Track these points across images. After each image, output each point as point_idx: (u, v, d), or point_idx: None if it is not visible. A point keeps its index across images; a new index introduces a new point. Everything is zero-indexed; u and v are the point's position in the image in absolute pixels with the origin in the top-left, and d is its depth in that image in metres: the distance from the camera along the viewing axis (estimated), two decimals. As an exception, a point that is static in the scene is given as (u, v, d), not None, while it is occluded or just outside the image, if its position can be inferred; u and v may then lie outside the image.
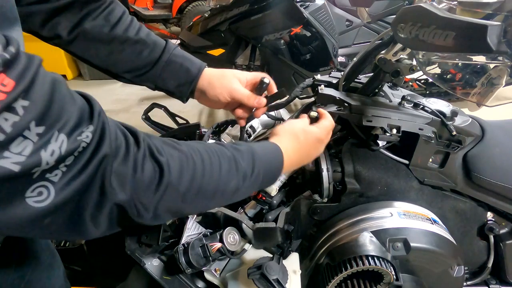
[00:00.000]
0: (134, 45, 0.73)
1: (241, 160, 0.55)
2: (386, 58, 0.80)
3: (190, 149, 0.49)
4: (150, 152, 0.43)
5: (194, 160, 0.48)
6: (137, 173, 0.41)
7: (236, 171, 0.53)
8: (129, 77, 0.76)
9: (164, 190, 0.44)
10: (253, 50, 2.69)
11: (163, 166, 0.43)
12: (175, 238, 0.80)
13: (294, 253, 0.82)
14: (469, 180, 0.89)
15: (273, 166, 0.61)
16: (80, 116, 0.36)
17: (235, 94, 0.77)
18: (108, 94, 3.94)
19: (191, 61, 0.77)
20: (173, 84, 0.77)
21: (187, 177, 0.47)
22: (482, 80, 0.78)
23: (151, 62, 0.74)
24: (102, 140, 0.37)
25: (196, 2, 5.08)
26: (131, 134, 0.43)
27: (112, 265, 0.91)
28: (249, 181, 0.55)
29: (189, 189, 0.47)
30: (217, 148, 0.54)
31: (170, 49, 0.76)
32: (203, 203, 0.52)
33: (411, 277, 0.80)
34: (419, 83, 2.78)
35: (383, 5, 1.55)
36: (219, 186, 0.51)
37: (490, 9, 0.66)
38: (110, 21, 0.71)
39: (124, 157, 0.40)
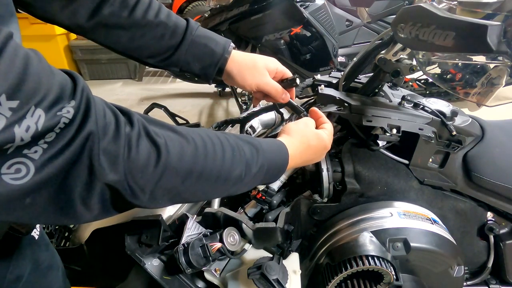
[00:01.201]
0: (155, 29, 0.71)
1: (245, 149, 0.54)
2: (386, 58, 0.80)
3: (191, 132, 0.48)
4: (146, 132, 0.42)
5: (196, 143, 0.47)
6: (131, 152, 0.39)
7: (240, 159, 0.52)
8: (152, 62, 0.75)
9: (163, 171, 0.42)
10: (253, 50, 2.69)
11: (161, 147, 0.42)
12: (175, 238, 0.80)
13: (294, 253, 0.82)
14: (469, 180, 0.89)
15: (278, 162, 0.60)
16: (61, 91, 0.35)
17: (265, 87, 0.77)
18: (108, 94, 3.94)
19: (216, 40, 0.75)
20: (198, 66, 0.75)
21: (188, 159, 0.45)
22: (482, 80, 0.78)
23: (174, 46, 0.72)
24: (87, 116, 0.36)
25: (196, 2, 5.08)
26: (124, 114, 0.42)
27: (112, 265, 0.90)
28: (253, 170, 0.54)
29: (191, 171, 0.46)
30: (219, 135, 0.53)
31: (193, 30, 0.73)
32: (205, 189, 0.50)
33: (411, 277, 0.80)
34: (419, 83, 2.78)
35: (383, 5, 1.55)
36: (222, 172, 0.50)
37: (490, 9, 0.66)
38: (129, 4, 0.69)
39: (115, 135, 0.38)
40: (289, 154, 0.62)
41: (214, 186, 0.51)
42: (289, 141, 0.64)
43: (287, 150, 0.62)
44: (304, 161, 0.68)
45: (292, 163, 0.63)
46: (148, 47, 0.72)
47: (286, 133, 0.67)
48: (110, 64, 4.26)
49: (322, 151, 0.70)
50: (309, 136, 0.67)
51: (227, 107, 3.56)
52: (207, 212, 0.80)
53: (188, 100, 3.74)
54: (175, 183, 0.45)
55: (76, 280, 0.92)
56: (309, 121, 0.72)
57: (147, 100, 3.77)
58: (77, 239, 0.92)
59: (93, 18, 0.68)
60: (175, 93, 3.96)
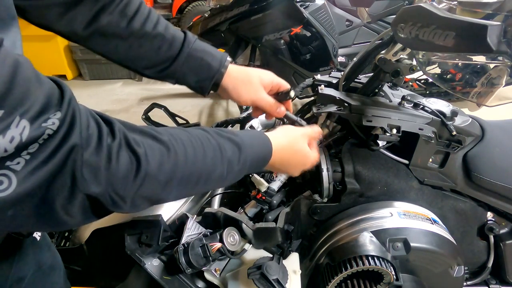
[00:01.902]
0: (152, 40, 0.71)
1: (226, 147, 0.54)
2: (386, 58, 0.80)
3: (171, 138, 0.48)
4: (126, 142, 0.42)
5: (176, 150, 0.47)
6: (111, 163, 0.39)
7: (221, 159, 0.53)
8: (149, 73, 0.75)
9: (142, 181, 0.43)
10: (253, 50, 2.69)
11: (140, 157, 0.42)
12: (175, 238, 0.80)
13: (294, 253, 0.82)
14: (469, 180, 0.89)
15: (260, 157, 0.61)
16: (47, 101, 0.34)
17: (259, 103, 0.77)
18: (108, 94, 3.94)
19: (212, 54, 0.75)
20: (194, 79, 0.75)
21: (167, 167, 0.46)
22: (482, 80, 0.78)
23: (171, 58, 0.72)
24: (71, 128, 0.36)
25: (196, 2, 5.08)
26: (106, 124, 0.41)
27: (112, 265, 0.90)
28: (235, 168, 0.55)
29: (171, 179, 0.46)
30: (201, 135, 0.53)
31: (190, 43, 0.73)
32: (185, 191, 0.52)
33: (411, 277, 0.80)
34: (419, 83, 2.77)
35: (383, 5, 1.55)
36: (202, 175, 0.51)
37: (490, 9, 0.66)
38: (127, 15, 0.69)
39: (97, 147, 0.38)
40: (272, 149, 0.62)
41: (195, 187, 0.52)
42: (275, 137, 0.64)
43: (270, 144, 0.62)
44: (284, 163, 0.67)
45: (276, 158, 0.63)
46: (145, 58, 0.72)
47: (276, 131, 0.68)
48: (110, 64, 4.25)
49: (304, 160, 0.70)
50: (298, 141, 0.68)
51: (227, 107, 3.56)
52: (207, 212, 0.80)
53: (188, 100, 3.74)
54: (155, 190, 0.46)
55: (76, 280, 0.92)
56: (306, 131, 0.72)
57: (147, 100, 3.77)
58: (77, 239, 0.92)
59: (91, 26, 0.67)
60: (175, 93, 3.96)
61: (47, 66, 4.30)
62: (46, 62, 4.22)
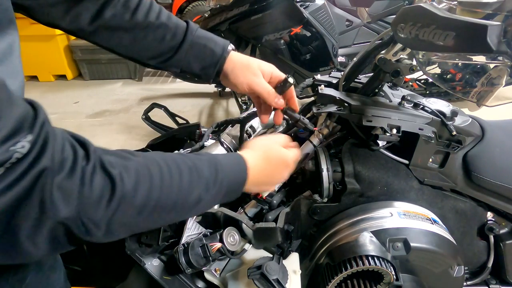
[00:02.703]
0: (156, 31, 0.71)
1: (203, 169, 0.53)
2: (386, 58, 0.80)
3: (147, 160, 0.47)
4: (101, 165, 0.41)
5: (151, 172, 0.46)
6: (84, 187, 0.38)
7: (198, 181, 0.51)
8: (154, 63, 0.75)
9: (118, 205, 0.41)
10: (253, 50, 2.69)
11: (115, 179, 0.41)
12: (175, 238, 0.80)
13: (294, 253, 0.82)
14: (469, 180, 0.89)
15: (237, 177, 0.59)
16: (18, 124, 0.33)
17: (256, 87, 0.75)
18: (108, 94, 3.94)
19: (215, 41, 0.76)
20: (198, 66, 0.76)
21: (143, 189, 0.44)
22: (482, 80, 0.78)
23: (175, 47, 0.73)
24: (42, 151, 0.35)
25: (196, 2, 5.08)
26: (81, 146, 0.41)
27: (112, 265, 0.91)
28: (212, 191, 0.53)
29: (146, 202, 0.45)
30: (177, 157, 0.52)
31: (193, 31, 0.74)
32: (162, 217, 0.50)
33: (411, 277, 0.80)
34: (419, 83, 2.78)
35: (383, 5, 1.55)
36: (179, 198, 0.49)
37: (490, 9, 0.66)
38: (130, 7, 0.70)
39: (70, 171, 0.37)
40: (247, 165, 0.60)
41: (172, 212, 0.50)
42: (246, 152, 0.63)
43: (245, 161, 0.60)
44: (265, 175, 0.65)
45: (253, 177, 0.61)
46: (149, 48, 0.73)
47: (245, 147, 0.66)
48: (110, 64, 4.26)
49: (281, 166, 0.68)
50: (268, 148, 0.66)
51: (227, 107, 3.56)
52: (207, 212, 0.80)
53: (188, 100, 3.74)
54: (131, 215, 0.44)
55: (76, 280, 0.92)
56: (277, 137, 0.71)
57: (147, 100, 3.77)
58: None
59: (96, 21, 0.68)
60: (175, 93, 3.96)
61: (47, 66, 4.30)
62: (46, 62, 4.22)
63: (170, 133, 1.13)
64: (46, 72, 4.40)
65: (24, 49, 0.71)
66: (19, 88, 0.49)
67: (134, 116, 3.39)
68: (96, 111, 3.62)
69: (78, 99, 3.92)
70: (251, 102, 2.65)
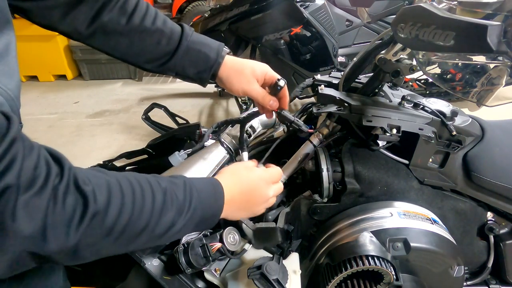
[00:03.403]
0: (152, 35, 0.73)
1: (177, 193, 0.52)
2: (386, 58, 0.80)
3: (120, 179, 0.47)
4: (74, 182, 0.41)
5: (123, 191, 0.45)
6: (56, 205, 0.38)
7: (171, 205, 0.50)
8: (150, 67, 0.77)
9: (89, 223, 0.41)
10: (253, 50, 2.69)
11: (88, 196, 0.41)
12: (175, 238, 0.80)
13: (294, 253, 0.82)
14: (469, 180, 0.89)
15: (213, 202, 0.58)
16: None
17: (250, 93, 0.78)
18: (108, 94, 3.94)
19: (209, 46, 0.78)
20: (193, 71, 0.77)
21: (115, 208, 0.43)
22: (482, 80, 0.78)
23: (170, 51, 0.74)
24: (8, 168, 0.34)
25: (196, 2, 5.08)
26: (56, 163, 0.40)
27: (112, 265, 0.90)
28: (186, 215, 0.52)
29: (116, 222, 0.44)
30: (151, 179, 0.51)
31: (188, 36, 0.76)
32: (132, 240, 0.48)
33: (411, 277, 0.80)
34: (419, 83, 2.78)
35: (383, 5, 1.55)
36: (150, 221, 0.48)
37: (490, 9, 0.66)
38: (127, 11, 0.71)
39: (41, 189, 0.37)
40: (223, 189, 0.59)
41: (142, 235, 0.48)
42: (220, 177, 0.63)
43: (221, 185, 0.60)
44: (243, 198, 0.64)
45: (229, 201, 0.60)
46: (145, 52, 0.74)
47: (223, 172, 0.66)
48: (110, 64, 4.26)
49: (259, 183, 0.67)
50: (238, 169, 0.66)
51: (227, 107, 3.56)
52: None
53: (188, 100, 3.74)
54: (100, 235, 0.43)
55: (76, 280, 0.92)
56: (240, 162, 0.72)
57: (147, 100, 3.77)
58: None
59: (93, 24, 0.69)
60: (175, 93, 3.96)
61: (47, 66, 4.30)
62: (46, 62, 4.22)
63: (170, 133, 1.13)
64: (46, 72, 4.40)
65: (24, 49, 0.72)
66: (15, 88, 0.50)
67: (134, 116, 3.39)
68: (96, 111, 3.62)
69: (78, 99, 3.92)
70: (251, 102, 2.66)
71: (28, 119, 3.56)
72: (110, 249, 0.47)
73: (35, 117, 3.58)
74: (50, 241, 0.38)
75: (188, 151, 0.99)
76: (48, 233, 0.38)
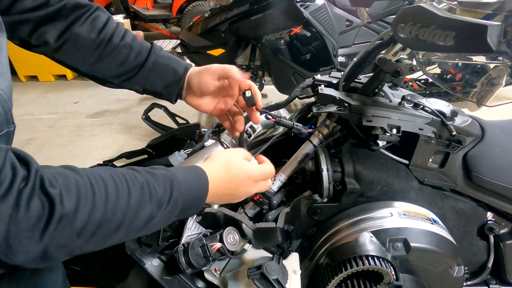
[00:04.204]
0: (120, 50, 0.73)
1: (156, 185, 0.51)
2: (386, 58, 0.80)
3: (92, 177, 0.45)
4: (40, 185, 0.40)
5: (95, 190, 0.44)
6: (19, 211, 0.37)
7: (150, 198, 0.49)
8: (117, 82, 0.76)
9: (56, 226, 0.40)
10: (253, 50, 2.69)
11: (54, 199, 0.40)
12: (175, 238, 0.80)
13: (294, 253, 0.82)
14: (469, 180, 0.89)
15: (196, 193, 0.57)
16: None
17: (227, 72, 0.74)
18: (108, 94, 3.94)
19: (178, 61, 0.78)
20: (161, 85, 0.77)
21: (85, 209, 0.42)
22: (482, 80, 0.78)
23: (138, 65, 0.75)
24: None
25: (196, 2, 5.08)
26: (23, 165, 0.40)
27: (112, 265, 0.91)
28: (166, 208, 0.51)
29: (87, 223, 0.43)
30: (127, 173, 0.50)
31: (156, 50, 0.76)
32: (106, 238, 0.47)
33: (411, 277, 0.80)
34: (419, 83, 2.78)
35: (383, 5, 1.55)
36: (126, 217, 0.47)
37: (490, 9, 0.66)
38: (96, 26, 0.72)
39: (4, 194, 0.36)
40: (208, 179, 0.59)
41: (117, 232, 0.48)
42: (208, 165, 0.62)
43: (206, 176, 0.59)
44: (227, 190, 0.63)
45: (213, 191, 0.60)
46: (113, 67, 0.74)
47: (208, 159, 0.65)
48: (110, 64, 4.26)
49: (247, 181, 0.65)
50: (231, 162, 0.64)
51: (227, 107, 3.55)
52: (207, 212, 0.80)
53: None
54: (70, 237, 0.42)
55: (76, 280, 0.92)
56: (235, 150, 0.70)
57: (147, 100, 3.76)
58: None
59: (62, 37, 0.69)
60: (175, 93, 3.95)
61: (47, 66, 4.30)
62: (46, 62, 4.21)
63: (170, 133, 1.13)
64: (46, 72, 4.40)
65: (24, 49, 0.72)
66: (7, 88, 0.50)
67: (134, 116, 3.39)
68: (96, 111, 3.62)
69: (78, 99, 3.92)
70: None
71: (28, 119, 3.56)
72: (84, 248, 0.46)
73: (35, 117, 3.58)
74: (14, 249, 0.38)
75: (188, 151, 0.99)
76: (12, 241, 0.37)
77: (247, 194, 0.68)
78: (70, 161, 2.05)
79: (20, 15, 0.64)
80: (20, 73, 4.48)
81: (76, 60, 0.73)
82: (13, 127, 0.54)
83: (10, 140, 0.54)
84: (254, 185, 0.67)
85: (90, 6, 0.72)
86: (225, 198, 0.65)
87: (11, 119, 0.52)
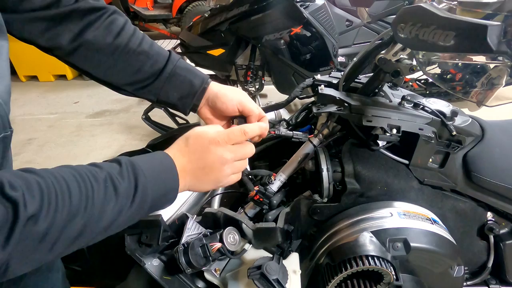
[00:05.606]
0: (137, 57, 0.71)
1: (120, 179, 0.49)
2: (386, 58, 0.80)
3: (52, 177, 0.44)
4: (0, 190, 0.38)
5: (57, 190, 0.43)
6: None
7: (115, 193, 0.48)
8: (130, 90, 0.74)
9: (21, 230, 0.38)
10: (253, 50, 2.69)
11: (18, 202, 0.38)
12: (175, 238, 0.80)
13: (294, 253, 0.82)
14: (469, 180, 0.89)
15: (165, 179, 0.55)
16: None
17: (246, 104, 0.74)
18: (108, 94, 3.94)
19: (195, 73, 0.76)
20: (176, 96, 0.75)
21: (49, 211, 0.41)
22: (482, 80, 0.78)
23: (154, 74, 0.72)
24: None
25: (196, 2, 5.08)
26: None
27: (112, 265, 0.91)
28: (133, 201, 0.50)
29: (53, 224, 0.41)
30: (88, 170, 0.48)
31: (174, 60, 0.74)
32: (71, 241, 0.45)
33: (411, 277, 0.80)
34: (419, 83, 2.78)
35: (383, 5, 1.55)
36: (92, 215, 0.46)
37: (490, 9, 0.66)
38: (113, 31, 0.69)
39: None
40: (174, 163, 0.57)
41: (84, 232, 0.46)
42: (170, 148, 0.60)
43: (172, 160, 0.56)
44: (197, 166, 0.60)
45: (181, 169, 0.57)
46: (128, 74, 0.72)
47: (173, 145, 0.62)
48: (110, 64, 4.26)
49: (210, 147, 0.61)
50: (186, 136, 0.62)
51: (227, 107, 3.55)
52: (207, 212, 0.80)
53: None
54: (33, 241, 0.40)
55: (76, 280, 0.92)
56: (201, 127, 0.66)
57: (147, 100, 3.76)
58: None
59: (76, 40, 0.67)
60: (175, 93, 3.95)
61: (47, 66, 4.30)
62: (46, 62, 4.22)
63: (170, 133, 1.13)
64: (46, 72, 4.40)
65: (24, 49, 0.72)
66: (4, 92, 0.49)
67: (134, 116, 3.39)
68: (96, 111, 3.62)
69: (78, 99, 3.92)
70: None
71: (28, 119, 3.56)
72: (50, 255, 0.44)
73: (35, 117, 3.58)
74: None
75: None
76: None
77: (223, 162, 0.61)
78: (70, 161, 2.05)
79: (28, 14, 0.62)
80: (20, 73, 4.49)
81: (90, 65, 0.70)
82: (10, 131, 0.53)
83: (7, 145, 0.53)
84: (224, 151, 0.61)
85: (107, 9, 0.70)
86: (202, 177, 0.61)
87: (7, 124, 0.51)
